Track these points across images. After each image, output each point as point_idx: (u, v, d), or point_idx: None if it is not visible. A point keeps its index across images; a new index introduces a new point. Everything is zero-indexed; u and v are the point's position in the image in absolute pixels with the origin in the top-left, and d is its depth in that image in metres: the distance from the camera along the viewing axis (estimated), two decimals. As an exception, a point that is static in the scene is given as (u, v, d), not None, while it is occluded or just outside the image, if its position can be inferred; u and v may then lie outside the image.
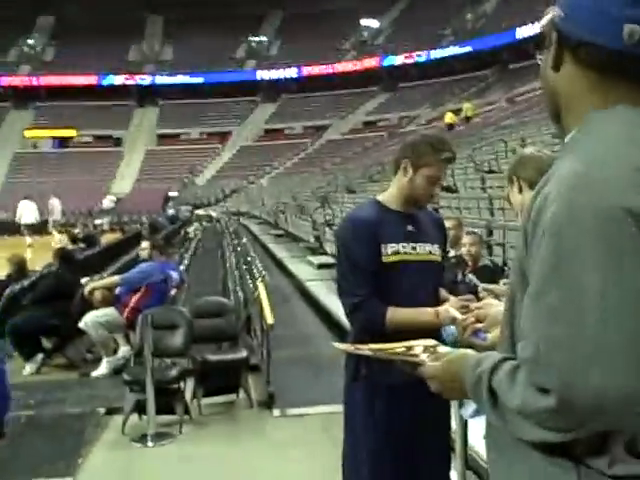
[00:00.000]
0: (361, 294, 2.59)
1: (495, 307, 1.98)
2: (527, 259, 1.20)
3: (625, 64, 1.21)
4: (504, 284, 3.96)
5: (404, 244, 2.69)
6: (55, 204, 26.86)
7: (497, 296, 2.61)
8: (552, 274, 1.13)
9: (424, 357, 1.55)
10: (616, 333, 1.08)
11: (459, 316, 2.10)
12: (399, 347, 1.69)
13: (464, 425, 3.62)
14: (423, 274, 2.70)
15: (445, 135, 29.10)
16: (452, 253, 5.59)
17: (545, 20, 1.32)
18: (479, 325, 1.91)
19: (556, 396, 1.09)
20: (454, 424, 3.72)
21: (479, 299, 2.52)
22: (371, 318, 2.58)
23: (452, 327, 2.34)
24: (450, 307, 2.41)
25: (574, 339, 1.09)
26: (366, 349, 1.78)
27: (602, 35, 1.21)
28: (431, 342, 1.73)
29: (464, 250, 5.65)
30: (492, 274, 5.27)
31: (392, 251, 2.66)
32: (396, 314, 2.57)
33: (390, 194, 2.79)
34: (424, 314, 2.57)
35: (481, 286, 2.70)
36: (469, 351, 1.47)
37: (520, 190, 2.60)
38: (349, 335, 2.77)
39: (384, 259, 2.64)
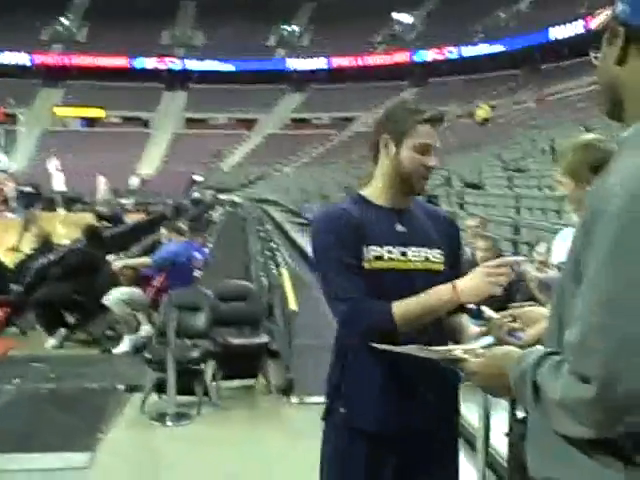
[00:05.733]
0: (352, 296, 2.02)
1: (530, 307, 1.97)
2: (584, 251, 1.20)
3: None
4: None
5: (390, 248, 2.10)
6: (101, 182, 27.16)
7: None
8: (610, 264, 1.13)
9: (466, 356, 1.54)
10: None
11: (495, 315, 1.99)
12: (440, 349, 1.70)
13: (486, 422, 3.61)
14: (417, 288, 2.04)
15: (477, 131, 28.98)
16: None
17: (603, 17, 1.32)
18: (515, 324, 1.88)
19: (597, 384, 1.08)
20: (476, 420, 3.71)
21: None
22: (375, 321, 2.00)
23: (489, 337, 1.98)
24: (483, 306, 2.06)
25: (623, 328, 1.09)
26: (406, 348, 1.75)
27: None
28: (470, 346, 1.74)
29: (478, 255, 5.22)
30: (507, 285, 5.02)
31: (374, 256, 2.08)
32: (404, 307, 2.00)
33: (374, 186, 2.22)
34: (439, 294, 2.02)
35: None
36: (512, 347, 1.46)
37: None
38: (340, 351, 2.18)
39: (364, 265, 2.07)
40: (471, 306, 2.24)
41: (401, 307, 2.00)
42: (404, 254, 2.12)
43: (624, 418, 1.09)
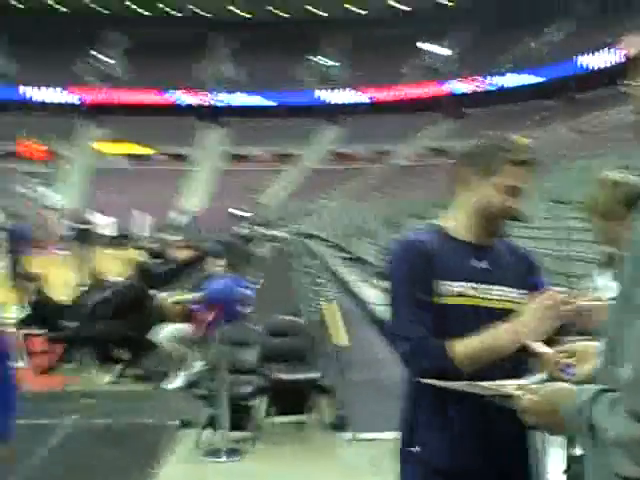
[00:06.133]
0: (415, 336, 2.00)
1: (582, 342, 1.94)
2: (635, 286, 1.17)
3: None
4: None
5: (474, 284, 2.05)
6: (145, 219, 27.50)
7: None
8: None
9: (518, 393, 1.51)
10: None
11: (548, 350, 1.92)
12: (491, 385, 1.68)
13: (543, 458, 3.57)
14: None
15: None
16: None
17: (637, 46, 1.31)
18: (568, 360, 1.83)
19: None
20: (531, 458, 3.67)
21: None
22: (436, 364, 1.97)
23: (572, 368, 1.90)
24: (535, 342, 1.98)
25: None
26: (457, 384, 1.76)
27: None
28: (523, 381, 1.70)
29: None
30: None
31: (450, 291, 2.03)
32: (464, 347, 1.97)
33: (455, 219, 2.15)
34: (499, 336, 1.98)
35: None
36: (565, 384, 1.42)
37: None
38: (410, 389, 2.13)
39: (442, 300, 2.03)
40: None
41: (461, 347, 1.97)
42: (485, 292, 2.07)
43: None
